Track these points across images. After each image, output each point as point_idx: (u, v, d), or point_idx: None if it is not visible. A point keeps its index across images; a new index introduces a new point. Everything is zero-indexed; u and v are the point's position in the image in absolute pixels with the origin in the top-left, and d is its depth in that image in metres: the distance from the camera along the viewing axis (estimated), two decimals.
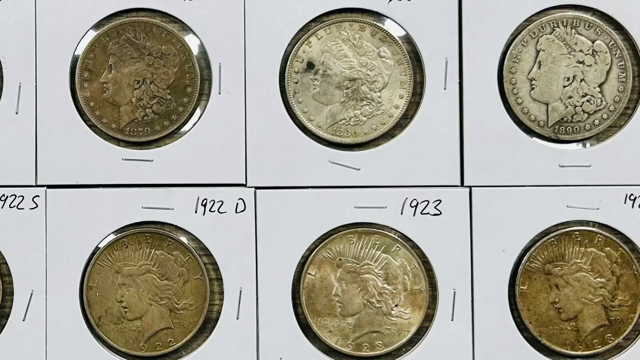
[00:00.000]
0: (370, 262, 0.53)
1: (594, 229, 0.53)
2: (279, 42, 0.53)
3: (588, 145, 0.54)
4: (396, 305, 0.53)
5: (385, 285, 0.53)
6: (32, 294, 0.53)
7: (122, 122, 0.54)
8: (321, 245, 0.53)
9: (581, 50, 0.53)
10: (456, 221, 0.53)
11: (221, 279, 0.53)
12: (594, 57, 0.53)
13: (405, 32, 0.54)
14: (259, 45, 0.53)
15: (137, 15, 0.54)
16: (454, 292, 0.53)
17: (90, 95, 0.54)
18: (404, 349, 0.54)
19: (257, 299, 0.53)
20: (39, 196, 0.53)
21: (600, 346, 0.53)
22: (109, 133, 0.54)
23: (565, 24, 0.53)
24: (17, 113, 0.53)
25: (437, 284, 0.53)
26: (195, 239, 0.54)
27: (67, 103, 0.53)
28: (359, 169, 0.53)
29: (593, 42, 0.53)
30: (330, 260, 0.53)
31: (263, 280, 0.53)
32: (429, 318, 0.54)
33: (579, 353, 0.53)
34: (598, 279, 0.53)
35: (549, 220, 0.53)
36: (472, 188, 0.53)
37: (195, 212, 0.53)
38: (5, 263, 0.53)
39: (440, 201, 0.53)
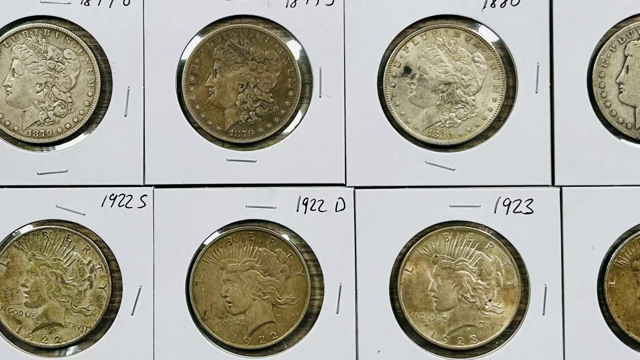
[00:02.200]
0: (465, 259, 0.55)
1: None
2: (377, 48, 0.55)
3: None
4: (490, 300, 0.55)
5: (479, 281, 0.55)
6: (140, 289, 0.55)
7: (227, 124, 0.56)
8: (418, 242, 0.55)
9: None
10: (547, 219, 0.55)
11: (322, 275, 0.55)
12: None
13: (498, 38, 0.56)
14: (358, 51, 0.55)
15: (241, 22, 0.56)
16: (545, 288, 0.55)
17: (196, 98, 0.56)
18: (497, 342, 0.56)
19: (356, 294, 0.55)
20: (146, 195, 0.55)
21: None
22: (214, 135, 0.56)
23: None
24: (125, 115, 0.55)
25: (529, 279, 0.55)
26: (296, 236, 0.56)
27: (173, 106, 0.56)
28: (454, 170, 0.55)
29: None
30: (426, 257, 0.56)
31: (362, 276, 0.55)
32: (521, 312, 0.56)
33: None
34: None
35: (636, 219, 0.55)
36: (563, 188, 0.55)
37: (297, 210, 0.55)
38: (115, 260, 0.56)
39: (532, 200, 0.55)
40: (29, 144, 0.56)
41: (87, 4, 0.56)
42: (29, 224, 0.56)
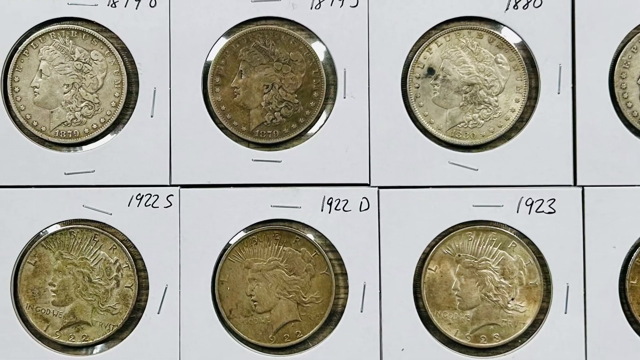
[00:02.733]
0: (488, 258, 0.56)
1: None
2: (401, 49, 0.56)
3: None
4: (512, 299, 0.56)
5: (502, 280, 0.56)
6: (166, 288, 0.56)
7: (252, 125, 0.56)
8: (441, 241, 0.56)
9: None
10: (569, 219, 0.55)
11: (346, 274, 0.56)
12: None
13: (521, 40, 0.56)
14: (382, 52, 0.56)
15: (266, 23, 0.56)
16: (567, 287, 0.56)
17: (222, 99, 0.56)
18: (519, 341, 0.56)
19: (380, 292, 0.56)
20: (173, 195, 0.56)
21: None
22: (240, 135, 0.56)
23: None
24: (152, 116, 0.56)
25: (552, 278, 0.56)
26: (321, 235, 0.56)
27: (199, 107, 0.56)
28: (477, 170, 0.56)
29: None
30: (449, 256, 0.56)
31: (386, 275, 0.56)
32: (543, 311, 0.56)
33: None
34: None
35: None
36: (585, 187, 0.55)
37: (322, 210, 0.56)
38: (141, 259, 0.56)
39: (554, 200, 0.55)
40: (57, 144, 0.57)
41: (113, 5, 0.56)
42: (57, 223, 0.56)
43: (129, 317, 0.56)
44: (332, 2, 0.56)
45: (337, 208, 0.56)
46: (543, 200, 0.56)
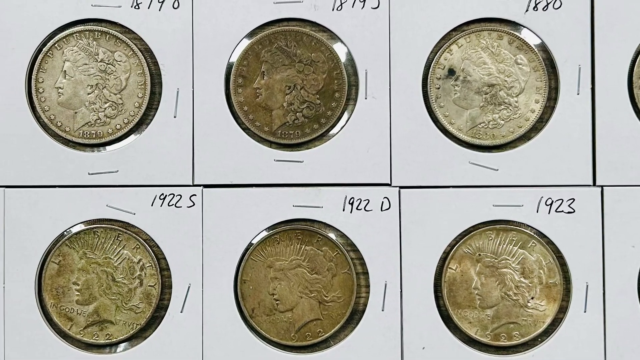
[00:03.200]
0: (508, 257, 0.56)
1: None
2: (422, 50, 0.57)
3: None
4: (532, 298, 0.56)
5: (522, 279, 0.56)
6: (189, 287, 0.56)
7: (274, 125, 0.57)
8: (461, 241, 0.56)
9: None
10: (589, 219, 0.56)
11: (367, 273, 0.56)
12: None
13: (540, 41, 0.57)
14: (403, 53, 0.56)
15: (288, 25, 0.57)
16: (587, 286, 0.56)
17: (244, 100, 0.57)
18: (539, 339, 0.57)
19: (401, 291, 0.56)
20: (195, 195, 0.56)
21: None
22: (262, 135, 0.57)
23: None
24: (175, 117, 0.57)
25: (571, 277, 0.56)
26: (343, 235, 0.57)
27: (222, 107, 0.57)
28: (497, 170, 0.56)
29: None
30: (470, 256, 0.57)
31: (407, 274, 0.56)
32: (563, 310, 0.57)
33: None
34: None
35: None
36: (604, 187, 0.56)
37: (343, 210, 0.56)
38: (164, 258, 0.57)
39: (574, 200, 0.56)
40: (80, 144, 0.57)
41: (137, 7, 0.57)
42: (80, 223, 0.57)
43: (152, 316, 0.57)
44: (354, 3, 0.56)
45: (359, 208, 0.56)
46: (563, 200, 0.56)
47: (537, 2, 0.56)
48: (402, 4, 0.56)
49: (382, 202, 0.56)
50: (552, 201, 0.56)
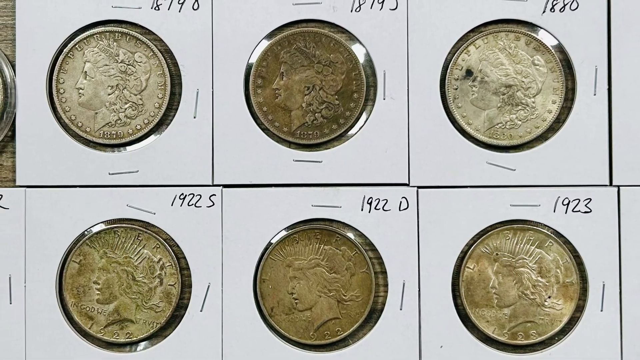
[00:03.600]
0: (525, 257, 0.57)
1: None
2: (440, 51, 0.57)
3: None
4: (549, 297, 0.57)
5: (539, 278, 0.57)
6: (209, 286, 0.57)
7: (293, 126, 0.57)
8: (479, 240, 0.57)
9: None
10: (605, 218, 0.56)
11: (385, 272, 0.57)
12: None
13: (557, 42, 0.57)
14: (421, 54, 0.57)
15: (307, 26, 0.57)
16: (603, 285, 0.57)
17: (263, 100, 0.57)
18: (556, 338, 0.57)
19: (419, 291, 0.57)
20: (215, 195, 0.57)
21: None
22: (281, 136, 0.57)
23: None
24: (195, 117, 0.57)
25: (588, 277, 0.57)
26: (361, 234, 0.57)
27: (241, 108, 0.57)
28: (515, 170, 0.57)
29: None
30: (487, 255, 0.57)
31: (425, 274, 0.57)
32: (579, 309, 0.57)
33: None
34: None
35: None
36: (620, 187, 0.56)
37: (362, 209, 0.57)
38: (184, 257, 0.57)
39: (591, 199, 0.56)
40: (101, 144, 0.58)
41: (157, 8, 0.57)
42: (101, 222, 0.57)
43: (172, 315, 0.57)
44: (372, 5, 0.57)
45: (377, 207, 0.57)
46: (579, 200, 0.56)
47: (554, 4, 0.57)
48: (420, 5, 0.57)
49: (400, 202, 0.57)
50: (569, 201, 0.56)
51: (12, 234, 0.57)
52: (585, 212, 0.56)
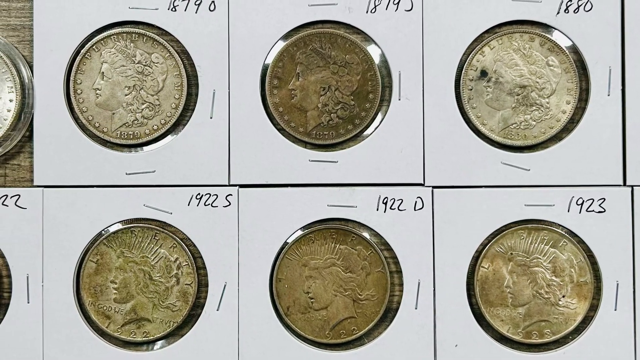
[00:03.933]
0: (539, 256, 0.57)
1: None
2: (455, 52, 0.57)
3: None
4: (563, 296, 0.57)
5: (554, 278, 0.57)
6: (225, 285, 0.57)
7: (309, 126, 0.58)
8: (494, 240, 0.57)
9: None
10: (619, 218, 0.57)
11: (401, 271, 0.57)
12: None
13: (571, 43, 0.57)
14: (436, 55, 0.57)
15: (322, 27, 0.58)
16: (617, 284, 0.57)
17: (279, 101, 0.58)
18: (570, 337, 0.57)
19: (434, 290, 0.57)
20: (231, 195, 0.57)
21: None
22: (297, 136, 0.58)
23: None
24: (211, 118, 0.57)
25: (602, 276, 0.57)
26: (376, 234, 0.57)
27: (257, 108, 0.57)
28: (529, 170, 0.57)
29: None
30: (502, 254, 0.57)
31: (440, 273, 0.57)
32: (593, 308, 0.57)
33: None
34: None
35: None
36: (634, 187, 0.57)
37: (377, 209, 0.57)
38: (201, 257, 0.57)
39: (604, 199, 0.57)
40: (118, 145, 0.58)
41: (174, 9, 0.57)
42: (118, 222, 0.58)
43: (189, 314, 0.57)
44: (387, 6, 0.57)
45: (392, 207, 0.57)
46: (593, 200, 0.57)
47: (568, 5, 0.57)
48: (435, 7, 0.57)
49: (416, 202, 0.57)
50: (583, 201, 0.57)
51: (29, 233, 0.57)
52: (599, 211, 0.57)
